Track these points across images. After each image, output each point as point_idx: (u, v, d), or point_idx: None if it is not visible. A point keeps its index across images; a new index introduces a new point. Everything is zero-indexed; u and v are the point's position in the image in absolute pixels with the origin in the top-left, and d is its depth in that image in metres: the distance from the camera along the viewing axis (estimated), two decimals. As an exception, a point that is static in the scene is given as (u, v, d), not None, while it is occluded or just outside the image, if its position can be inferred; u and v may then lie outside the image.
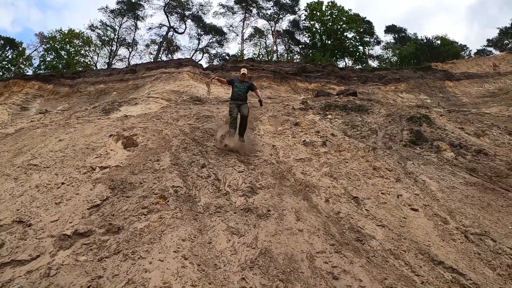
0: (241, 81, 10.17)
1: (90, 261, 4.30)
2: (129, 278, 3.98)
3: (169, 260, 4.32)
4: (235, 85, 10.05)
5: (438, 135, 10.79)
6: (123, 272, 4.10)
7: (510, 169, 8.89)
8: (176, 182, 6.55)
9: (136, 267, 4.18)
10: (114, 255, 4.43)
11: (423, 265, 4.80)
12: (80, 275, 4.04)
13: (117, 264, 4.25)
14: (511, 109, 18.25)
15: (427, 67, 25.51)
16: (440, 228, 5.83)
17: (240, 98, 9.84)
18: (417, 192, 7.06)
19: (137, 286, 3.85)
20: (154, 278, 3.96)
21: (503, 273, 4.86)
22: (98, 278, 3.98)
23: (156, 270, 4.11)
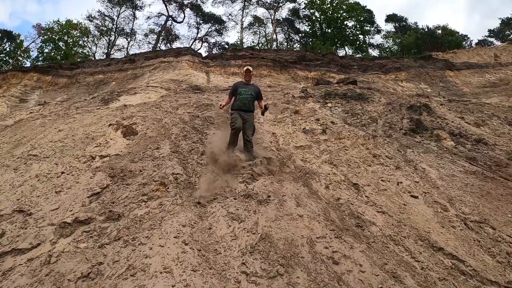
0: (246, 84, 8.42)
1: (91, 248, 4.35)
2: (130, 264, 4.01)
3: (170, 246, 4.35)
4: (239, 91, 8.20)
5: (438, 124, 10.82)
6: (123, 258, 4.14)
7: (509, 158, 8.93)
8: (176, 169, 6.59)
9: (136, 253, 4.22)
10: (115, 241, 4.47)
11: (423, 251, 4.84)
12: (81, 262, 4.08)
13: (117, 250, 4.29)
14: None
15: (427, 56, 25.45)
16: (440, 215, 5.87)
17: (245, 107, 8.00)
18: (417, 179, 7.09)
19: (138, 271, 3.88)
20: (154, 264, 3.99)
21: (502, 260, 4.89)
22: (99, 265, 4.01)
23: (156, 256, 4.15)
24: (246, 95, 8.10)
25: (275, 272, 4.07)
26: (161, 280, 3.74)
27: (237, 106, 7.99)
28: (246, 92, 8.14)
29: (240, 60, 20.66)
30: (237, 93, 8.19)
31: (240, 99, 8.06)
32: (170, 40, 43.67)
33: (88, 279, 3.83)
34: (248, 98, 8.10)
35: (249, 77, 8.47)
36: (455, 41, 40.51)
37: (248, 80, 8.49)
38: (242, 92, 8.14)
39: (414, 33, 42.84)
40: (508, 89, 20.37)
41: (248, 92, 8.15)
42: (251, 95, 8.14)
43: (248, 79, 8.47)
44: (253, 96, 8.19)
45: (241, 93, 8.11)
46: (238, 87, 8.31)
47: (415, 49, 38.67)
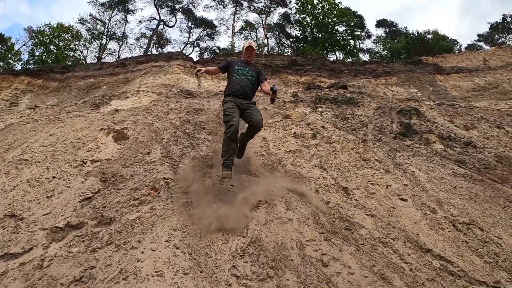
0: (245, 63, 6.54)
1: (83, 252, 4.35)
2: (122, 268, 4.03)
3: (161, 250, 4.37)
4: (235, 69, 6.41)
5: (428, 128, 10.93)
6: (115, 262, 4.15)
7: (498, 161, 9.05)
8: (167, 174, 6.61)
9: (128, 257, 4.24)
10: (107, 246, 4.49)
11: (411, 253, 4.91)
12: (73, 266, 4.09)
13: (109, 254, 4.31)
14: (501, 103, 18.49)
15: (417, 61, 25.70)
16: (428, 217, 5.94)
17: (244, 92, 6.23)
18: (406, 182, 7.17)
19: (130, 275, 3.90)
20: (146, 267, 4.02)
21: (490, 260, 4.96)
22: (91, 269, 4.03)
23: (148, 259, 4.17)
24: (243, 76, 6.30)
25: (265, 275, 4.10)
26: (153, 284, 3.77)
27: (233, 90, 6.21)
28: (246, 72, 6.34)
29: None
30: (233, 71, 6.39)
31: (236, 80, 6.28)
32: (162, 44, 43.84)
33: (80, 283, 3.84)
34: (249, 79, 6.31)
35: (250, 56, 6.56)
36: (446, 45, 40.91)
37: (249, 61, 6.54)
38: (239, 71, 6.33)
39: (405, 38, 43.22)
40: (497, 93, 20.65)
41: (247, 72, 6.34)
42: (251, 76, 6.31)
43: (249, 59, 6.55)
44: (254, 79, 6.36)
45: (238, 72, 6.31)
46: (234, 64, 6.51)
47: (405, 53, 39.03)
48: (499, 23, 50.54)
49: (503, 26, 50.66)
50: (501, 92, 20.89)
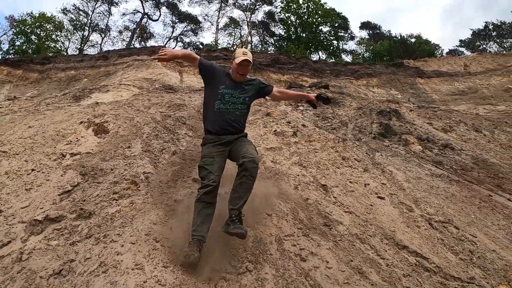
0: (234, 83, 4.88)
1: (62, 246, 4.33)
2: (102, 261, 4.02)
3: (141, 243, 4.37)
4: (220, 91, 4.78)
5: (407, 129, 11.12)
6: (95, 255, 4.14)
7: (475, 163, 9.27)
8: (147, 168, 6.60)
9: (108, 250, 4.23)
10: (86, 239, 4.47)
11: (388, 249, 5.02)
12: (52, 259, 4.07)
13: (89, 247, 4.29)
14: (479, 107, 18.86)
15: (399, 63, 26.05)
16: (405, 215, 6.07)
17: (231, 128, 4.82)
18: (384, 181, 7.31)
19: (110, 268, 3.90)
20: (126, 260, 4.02)
21: (465, 258, 5.10)
22: (70, 262, 4.01)
23: (128, 253, 4.17)
24: (233, 104, 4.81)
25: (244, 268, 4.16)
26: (133, 276, 3.77)
27: (216, 129, 4.76)
28: (235, 98, 4.82)
29: (214, 60, 20.69)
30: (216, 92, 4.78)
31: (219, 111, 4.74)
32: (145, 38, 43.59)
33: (60, 276, 3.82)
34: (239, 108, 4.85)
35: (243, 75, 4.89)
36: (428, 49, 41.50)
37: (241, 79, 4.89)
38: (225, 96, 4.75)
39: (388, 40, 43.72)
40: (476, 97, 21.05)
41: (238, 98, 4.83)
42: (242, 103, 4.87)
43: (241, 78, 4.90)
44: (247, 106, 4.97)
45: (223, 98, 4.74)
46: (220, 80, 4.85)
47: (388, 56, 39.45)
48: (481, 30, 51.79)
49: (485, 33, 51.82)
50: (480, 97, 21.32)
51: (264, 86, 5.33)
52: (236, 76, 4.92)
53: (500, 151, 11.05)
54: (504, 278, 4.79)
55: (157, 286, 3.70)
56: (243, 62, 4.77)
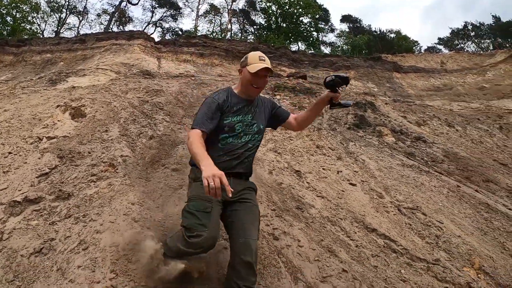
0: (246, 103, 3.67)
1: (42, 225, 4.44)
2: (81, 239, 4.16)
3: (120, 222, 4.51)
4: (232, 120, 3.54)
5: (381, 121, 11.44)
6: (75, 234, 4.27)
7: (445, 156, 9.65)
8: (124, 151, 6.70)
9: (87, 229, 4.36)
10: (66, 219, 4.57)
11: (357, 232, 5.31)
12: (33, 238, 4.18)
13: (68, 227, 4.41)
14: (453, 103, 19.31)
15: (377, 57, 26.39)
16: (375, 201, 6.38)
17: (241, 166, 3.59)
18: (356, 169, 7.61)
19: (90, 245, 4.04)
20: (105, 239, 4.16)
21: (431, 241, 5.43)
22: (51, 241, 4.13)
23: (107, 231, 4.31)
24: (248, 135, 3.62)
25: (221, 247, 4.31)
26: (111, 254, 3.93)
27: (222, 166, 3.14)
28: (250, 127, 3.64)
29: (193, 47, 20.69)
30: (223, 123, 3.52)
31: (227, 144, 3.53)
32: (123, 22, 43.13)
33: (40, 254, 3.94)
34: (254, 140, 3.67)
35: (262, 86, 3.70)
36: (406, 45, 42.15)
37: (255, 95, 3.73)
38: (237, 127, 3.55)
39: (367, 35, 44.22)
40: (451, 94, 21.57)
41: (252, 127, 3.65)
42: (258, 132, 3.71)
43: (256, 91, 3.69)
44: (261, 136, 3.80)
45: (236, 129, 3.54)
46: (226, 106, 3.55)
47: (366, 50, 39.93)
48: (460, 29, 52.94)
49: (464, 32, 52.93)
50: (454, 94, 21.86)
51: (279, 110, 4.07)
52: (248, 91, 3.63)
53: (471, 146, 11.49)
54: (468, 261, 5.13)
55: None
56: (261, 72, 3.51)
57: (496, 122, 15.26)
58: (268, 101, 4.07)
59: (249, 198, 3.57)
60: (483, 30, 52.64)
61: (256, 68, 3.47)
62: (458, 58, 28.29)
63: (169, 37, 40.14)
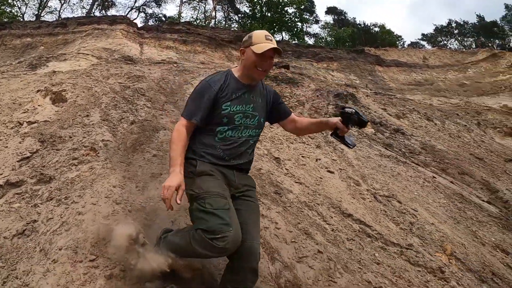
0: (247, 89, 3.28)
1: (24, 208, 4.49)
2: (64, 221, 4.22)
3: (101, 204, 4.57)
4: (232, 110, 3.14)
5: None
6: (57, 216, 4.32)
7: (423, 148, 9.92)
8: (106, 136, 6.73)
9: (69, 211, 4.41)
10: (48, 201, 4.63)
11: (334, 216, 5.49)
12: (15, 220, 4.22)
13: (50, 209, 4.47)
14: (434, 98, 19.68)
15: (360, 50, 26.72)
16: (352, 188, 6.58)
17: (240, 160, 3.28)
18: (335, 158, 7.81)
19: (72, 227, 4.10)
20: (87, 220, 4.22)
21: (405, 228, 5.65)
22: (33, 222, 4.19)
23: (89, 213, 4.37)
24: (248, 127, 3.27)
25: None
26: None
27: (218, 157, 3.17)
28: (251, 119, 3.28)
29: (176, 34, 20.66)
30: (218, 111, 3.15)
31: (225, 138, 3.18)
32: (106, 6, 42.84)
33: (23, 236, 3.99)
34: (253, 134, 3.35)
35: (268, 68, 3.32)
36: (390, 40, 42.59)
37: (259, 79, 3.36)
38: (237, 117, 3.18)
39: (352, 27, 44.55)
40: (431, 89, 22.00)
41: (254, 119, 3.30)
42: (258, 124, 3.36)
43: (262, 75, 3.28)
44: (263, 125, 3.49)
45: (235, 120, 3.17)
46: (223, 93, 3.18)
47: (350, 42, 40.24)
48: (444, 26, 53.82)
49: (447, 30, 53.76)
50: (435, 89, 22.30)
51: (282, 106, 3.70)
52: (252, 74, 3.23)
53: (448, 140, 11.78)
54: (440, 247, 5.36)
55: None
56: (268, 53, 3.15)
57: (475, 118, 15.62)
58: (272, 91, 3.68)
59: (251, 197, 3.38)
60: (466, 29, 53.70)
61: (263, 48, 3.11)
62: (441, 54, 28.81)
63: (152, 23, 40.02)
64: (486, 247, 5.98)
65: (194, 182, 3.04)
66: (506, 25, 51.64)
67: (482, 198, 7.79)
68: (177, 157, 2.97)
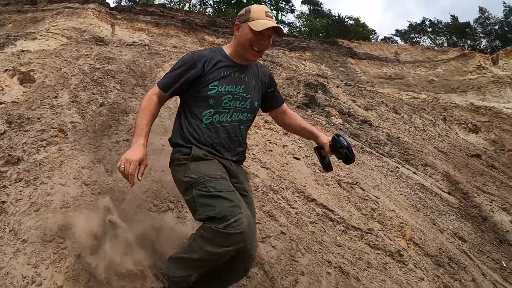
0: (239, 69, 2.87)
1: None
2: (33, 201, 4.21)
3: (70, 185, 4.58)
4: (219, 91, 2.73)
5: (331, 103, 11.92)
6: (26, 197, 4.31)
7: (389, 139, 10.29)
8: (74, 118, 6.67)
9: (38, 192, 4.41)
10: (16, 182, 4.59)
11: (298, 201, 5.67)
12: None
13: (19, 190, 4.44)
14: (403, 93, 20.15)
15: (333, 41, 26.94)
16: (317, 175, 6.79)
17: (232, 144, 2.88)
18: (302, 145, 8.01)
19: (41, 207, 4.11)
20: (56, 200, 4.24)
21: (367, 213, 5.92)
22: (2, 203, 4.16)
23: (58, 193, 4.37)
24: (236, 109, 2.84)
25: (166, 207, 4.61)
26: (62, 215, 4.01)
27: (210, 142, 2.76)
28: (242, 102, 2.86)
29: (149, 16, 20.34)
30: (204, 92, 2.75)
31: (213, 123, 2.77)
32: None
33: None
34: (244, 119, 2.94)
35: (265, 48, 2.89)
36: (363, 33, 42.97)
37: (253, 59, 2.88)
38: (223, 96, 2.76)
39: (326, 18, 44.74)
40: (401, 84, 22.46)
41: (246, 102, 2.88)
42: (250, 109, 2.95)
43: (257, 55, 2.84)
44: (257, 110, 3.09)
45: (219, 100, 2.76)
46: (210, 69, 2.77)
47: (324, 33, 40.43)
48: (418, 24, 54.78)
49: (421, 27, 54.71)
50: (405, 84, 22.81)
51: (276, 93, 3.32)
52: (246, 53, 2.82)
53: (414, 133, 12.18)
54: (399, 233, 5.66)
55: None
56: (267, 32, 2.75)
57: (441, 114, 16.14)
58: (267, 74, 3.25)
59: (247, 191, 2.95)
60: (440, 27, 54.58)
61: (262, 26, 2.69)
62: (412, 50, 29.28)
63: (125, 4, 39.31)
64: (444, 234, 6.32)
65: (188, 167, 2.64)
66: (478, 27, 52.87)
67: (443, 189, 8.13)
68: (143, 127, 2.68)
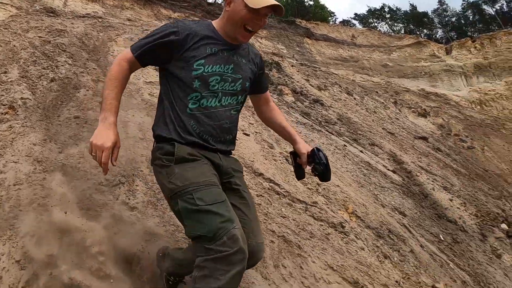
0: (228, 48, 2.52)
1: None
2: None
3: (22, 163, 4.64)
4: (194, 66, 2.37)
5: (284, 81, 12.16)
6: None
7: (339, 119, 10.64)
8: (25, 94, 6.57)
9: None
10: None
11: (245, 175, 5.84)
12: None
13: None
14: (357, 75, 20.73)
15: (291, 21, 27.14)
16: (265, 151, 7.04)
17: (222, 135, 2.53)
18: (252, 122, 8.24)
19: None
20: (9, 178, 4.29)
21: (312, 188, 6.20)
22: None
23: (10, 171, 4.42)
24: (225, 92, 2.49)
25: (117, 181, 4.71)
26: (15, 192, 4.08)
27: (199, 134, 2.44)
28: (227, 81, 2.49)
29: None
30: (188, 72, 2.39)
31: (200, 108, 2.43)
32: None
33: None
34: (233, 104, 2.58)
35: (258, 29, 2.55)
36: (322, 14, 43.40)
37: (245, 40, 2.52)
38: (210, 78, 2.41)
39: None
40: (356, 66, 23.02)
41: (236, 84, 2.54)
42: (241, 92, 2.60)
43: (248, 36, 2.49)
44: (246, 92, 2.73)
45: (206, 82, 2.40)
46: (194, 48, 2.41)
47: (282, 12, 40.66)
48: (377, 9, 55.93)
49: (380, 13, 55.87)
50: (359, 66, 23.41)
51: (263, 78, 2.98)
52: (236, 33, 2.48)
53: (365, 114, 12.61)
54: (343, 206, 6.02)
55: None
56: (263, 10, 2.40)
57: (393, 97, 16.72)
58: (258, 54, 2.90)
59: (241, 185, 2.64)
60: (398, 15, 55.96)
61: (260, 4, 2.33)
62: (369, 35, 29.84)
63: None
64: (386, 209, 6.71)
65: (172, 171, 2.34)
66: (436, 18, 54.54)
67: (387, 167, 8.54)
68: (111, 100, 2.37)
